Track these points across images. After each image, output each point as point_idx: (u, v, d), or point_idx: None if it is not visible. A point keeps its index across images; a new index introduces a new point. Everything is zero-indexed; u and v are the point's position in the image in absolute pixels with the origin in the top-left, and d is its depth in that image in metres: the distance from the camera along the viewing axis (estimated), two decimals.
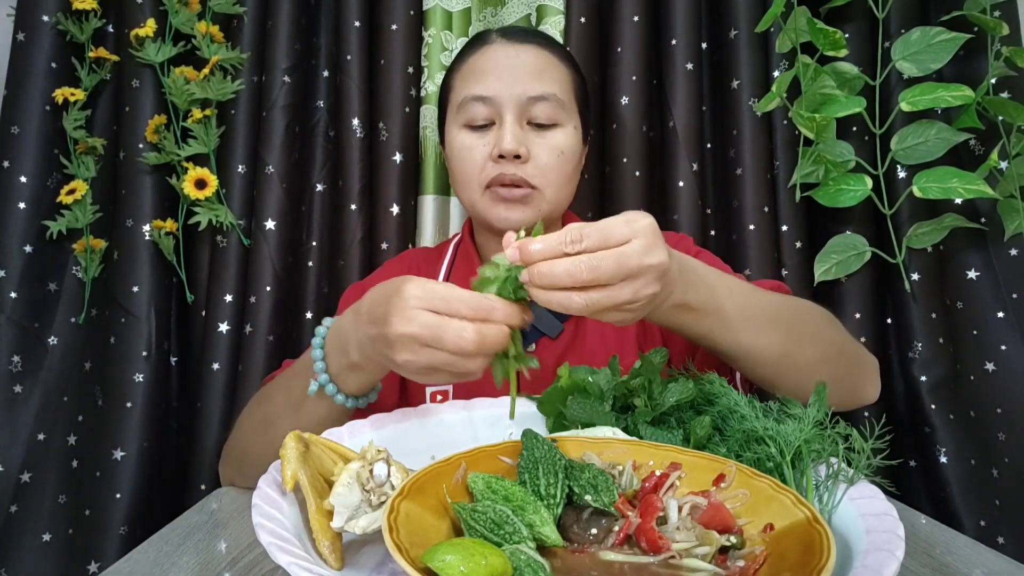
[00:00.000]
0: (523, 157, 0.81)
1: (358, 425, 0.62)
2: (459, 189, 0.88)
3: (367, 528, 0.43)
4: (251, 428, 0.73)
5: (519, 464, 0.46)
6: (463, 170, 0.85)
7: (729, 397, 0.56)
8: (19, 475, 1.06)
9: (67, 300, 1.12)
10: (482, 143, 0.83)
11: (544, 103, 0.82)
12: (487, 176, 0.82)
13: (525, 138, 0.82)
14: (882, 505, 0.45)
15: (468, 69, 0.86)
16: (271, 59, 1.11)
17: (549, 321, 0.84)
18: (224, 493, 0.65)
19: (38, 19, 1.10)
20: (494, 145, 0.81)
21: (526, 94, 0.82)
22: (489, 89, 0.82)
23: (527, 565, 0.37)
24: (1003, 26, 0.96)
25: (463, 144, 0.84)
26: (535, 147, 0.82)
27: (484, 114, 0.83)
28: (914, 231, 1.02)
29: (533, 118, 0.83)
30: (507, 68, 0.83)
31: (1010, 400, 1.00)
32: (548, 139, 0.83)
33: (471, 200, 0.86)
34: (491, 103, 0.82)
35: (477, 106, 0.83)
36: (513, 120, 0.81)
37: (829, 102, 1.00)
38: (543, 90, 0.82)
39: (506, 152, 0.80)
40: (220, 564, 0.48)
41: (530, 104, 0.82)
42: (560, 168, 0.83)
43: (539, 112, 0.82)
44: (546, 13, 1.12)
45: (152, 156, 1.09)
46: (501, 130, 0.81)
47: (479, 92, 0.82)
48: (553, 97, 0.83)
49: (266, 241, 1.09)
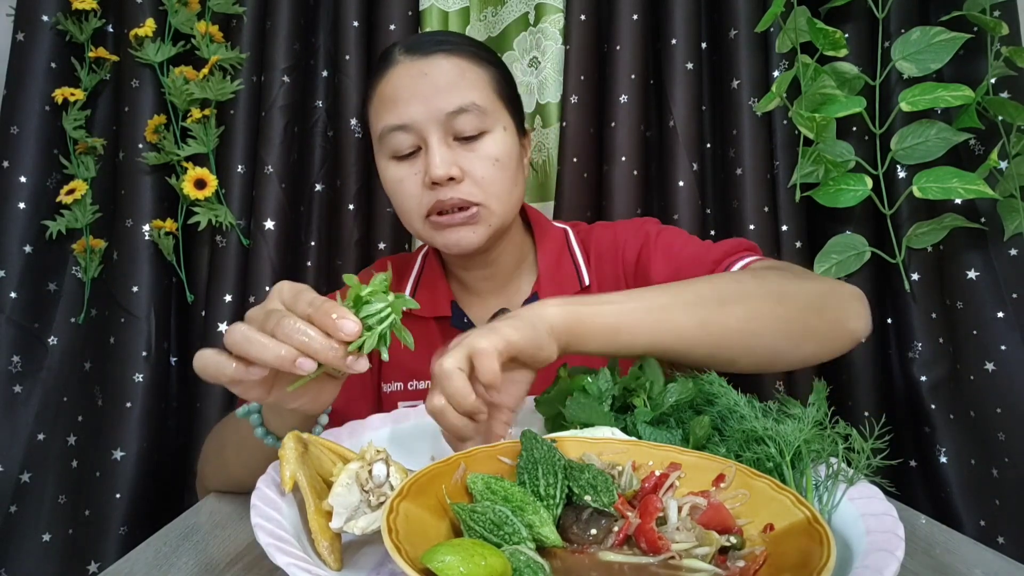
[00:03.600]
0: (457, 178, 0.76)
1: (357, 425, 0.62)
2: (403, 221, 0.83)
3: (366, 529, 0.43)
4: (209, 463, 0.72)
5: (518, 464, 0.46)
6: (400, 203, 0.80)
7: (729, 397, 0.56)
8: (19, 475, 1.06)
9: (67, 300, 1.12)
10: (413, 172, 0.78)
11: (465, 115, 0.76)
12: (426, 205, 0.77)
13: (455, 157, 0.76)
14: (882, 505, 0.44)
15: (379, 98, 0.80)
16: (270, 59, 1.11)
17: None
18: (223, 493, 0.66)
19: (38, 19, 1.10)
20: (425, 172, 0.76)
21: (443, 111, 0.75)
22: (404, 116, 0.76)
23: (527, 566, 0.37)
24: (1003, 26, 0.96)
25: (394, 177, 0.79)
26: (467, 163, 0.77)
27: (407, 142, 0.77)
28: (914, 231, 1.02)
29: (458, 132, 0.77)
30: (417, 89, 0.77)
31: (1010, 400, 0.99)
32: (479, 151, 0.77)
33: (418, 233, 0.81)
34: (410, 129, 0.76)
35: (398, 136, 0.77)
36: (438, 141, 0.76)
37: (829, 102, 1.00)
38: (460, 102, 0.76)
39: (438, 179, 0.75)
40: (219, 564, 0.48)
41: (450, 119, 0.76)
42: (499, 177, 0.78)
43: (463, 125, 0.76)
44: (545, 12, 1.12)
45: (152, 156, 1.09)
46: (428, 156, 0.76)
47: (395, 122, 0.77)
48: (472, 107, 0.76)
49: (265, 241, 1.09)
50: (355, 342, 0.46)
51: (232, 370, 0.47)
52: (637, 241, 0.85)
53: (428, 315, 0.86)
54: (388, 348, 0.48)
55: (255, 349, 0.46)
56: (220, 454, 0.69)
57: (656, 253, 0.83)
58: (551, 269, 0.87)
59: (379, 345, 0.47)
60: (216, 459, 0.70)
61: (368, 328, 0.46)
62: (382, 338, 0.47)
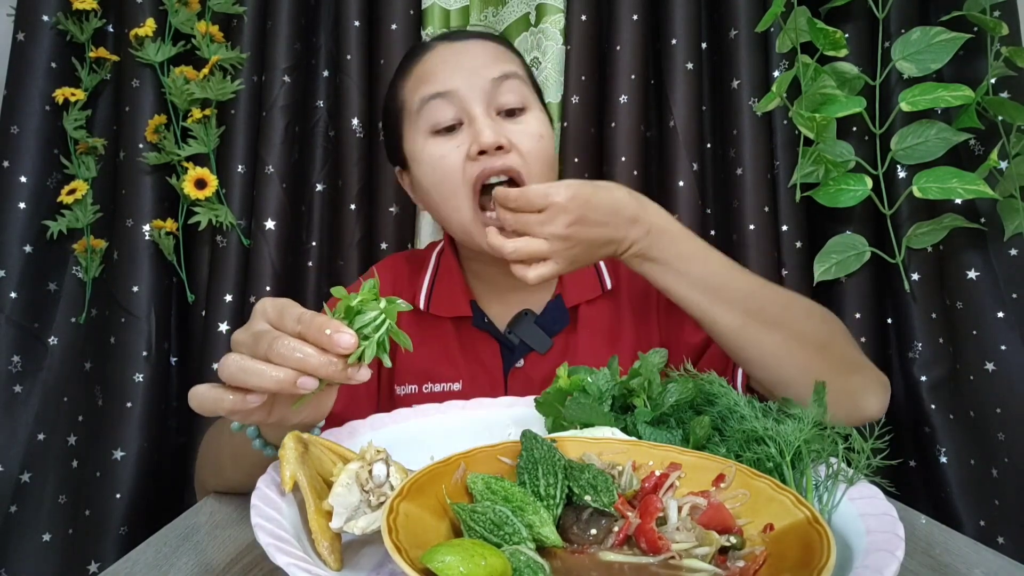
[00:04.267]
0: (505, 147, 0.73)
1: (357, 425, 0.62)
2: (439, 206, 0.78)
3: (366, 529, 0.43)
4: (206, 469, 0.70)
5: (518, 464, 0.46)
6: (441, 180, 0.75)
7: (729, 397, 0.56)
8: (19, 475, 1.06)
9: (67, 300, 1.12)
10: (454, 145, 0.74)
11: (509, 82, 0.75)
12: (471, 176, 0.73)
13: (501, 128, 0.75)
14: (882, 505, 0.44)
15: (417, 75, 0.78)
16: (271, 59, 1.11)
17: (539, 338, 0.82)
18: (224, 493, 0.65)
19: (38, 19, 1.10)
20: (470, 143, 0.73)
21: (487, 78, 0.74)
22: (447, 83, 0.75)
23: (527, 566, 0.37)
24: (1003, 26, 0.96)
25: (434, 153, 0.75)
26: (513, 135, 0.74)
27: (449, 113, 0.75)
28: (914, 231, 1.02)
29: (502, 106, 0.75)
30: (459, 62, 0.76)
31: (1010, 400, 0.99)
32: (524, 125, 0.76)
33: (461, 222, 0.76)
34: (454, 98, 0.74)
35: (440, 104, 0.75)
36: (483, 112, 0.74)
37: (829, 102, 1.00)
38: (504, 69, 0.76)
39: (487, 145, 0.72)
40: (219, 565, 0.48)
41: (495, 87, 0.75)
42: (543, 154, 0.77)
43: (507, 95, 0.75)
44: (546, 12, 1.12)
45: (152, 156, 1.09)
46: (474, 126, 0.73)
47: (437, 89, 0.75)
48: (515, 75, 0.76)
49: (266, 241, 1.09)
50: (354, 353, 0.45)
51: (230, 402, 0.46)
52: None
53: (447, 315, 0.84)
54: (389, 353, 0.47)
55: (253, 378, 0.44)
56: (217, 461, 0.67)
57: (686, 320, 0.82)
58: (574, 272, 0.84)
59: (379, 352, 0.46)
60: (213, 465, 0.68)
61: (365, 337, 0.45)
62: (381, 345, 0.46)
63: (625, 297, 0.86)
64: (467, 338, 0.85)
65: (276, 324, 0.47)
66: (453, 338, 0.84)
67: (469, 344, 0.85)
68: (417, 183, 0.81)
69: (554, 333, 0.83)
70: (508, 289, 0.85)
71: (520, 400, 0.68)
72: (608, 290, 0.86)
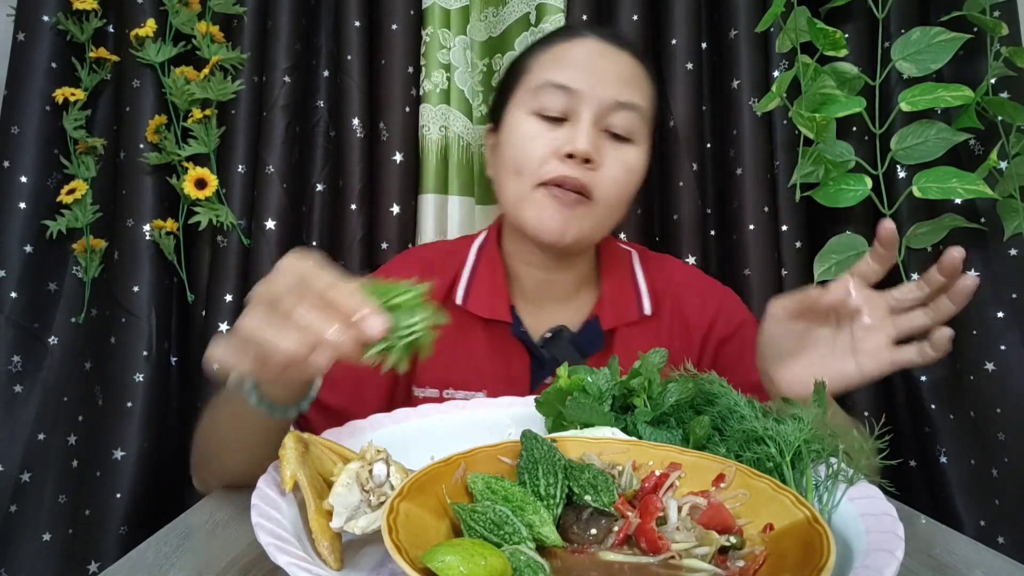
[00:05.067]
0: (593, 163, 0.73)
1: (358, 425, 0.62)
2: (504, 179, 0.78)
3: (366, 528, 0.43)
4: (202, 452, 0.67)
5: (518, 464, 0.46)
6: (519, 158, 0.75)
7: (729, 397, 0.56)
8: (19, 475, 1.06)
9: (67, 300, 1.12)
10: (550, 136, 0.74)
11: (627, 112, 0.75)
12: (546, 173, 0.73)
13: (599, 144, 0.74)
14: (882, 505, 0.44)
15: (553, 55, 0.77)
16: (271, 59, 1.11)
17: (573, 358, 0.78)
18: (224, 493, 0.65)
19: (38, 19, 1.10)
20: (564, 142, 0.73)
21: (613, 97, 0.74)
22: (575, 80, 0.74)
23: (527, 566, 0.37)
24: (1003, 26, 0.96)
25: (527, 132, 0.75)
26: (607, 156, 0.74)
27: (561, 105, 0.74)
28: (914, 231, 1.02)
29: (610, 126, 0.75)
30: (597, 65, 0.75)
31: (1010, 400, 0.99)
32: (621, 153, 0.75)
33: (517, 195, 0.76)
34: (572, 95, 0.73)
35: (556, 95, 0.74)
36: (590, 121, 0.73)
37: (829, 102, 1.00)
38: (629, 98, 0.75)
39: (579, 152, 0.72)
40: (219, 564, 0.48)
41: (612, 110, 0.74)
42: (624, 188, 0.76)
43: (619, 122, 0.75)
44: (546, 12, 1.12)
45: (152, 156, 1.09)
46: (575, 128, 0.73)
47: (562, 80, 0.74)
48: (636, 108, 0.75)
49: (266, 241, 1.09)
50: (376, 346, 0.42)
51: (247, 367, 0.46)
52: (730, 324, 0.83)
53: (485, 315, 0.80)
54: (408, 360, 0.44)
55: (267, 346, 0.43)
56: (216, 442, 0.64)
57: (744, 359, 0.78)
58: (614, 292, 0.83)
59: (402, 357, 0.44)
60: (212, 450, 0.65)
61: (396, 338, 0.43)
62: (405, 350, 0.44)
63: (666, 323, 0.83)
64: (498, 344, 0.81)
65: (304, 282, 0.44)
66: (482, 342, 0.81)
67: (500, 351, 0.81)
68: (500, 148, 0.80)
69: (587, 355, 0.80)
70: (546, 298, 0.83)
71: (520, 400, 0.68)
72: (647, 315, 0.83)
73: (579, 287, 0.84)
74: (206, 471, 0.67)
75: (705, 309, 0.84)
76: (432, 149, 1.15)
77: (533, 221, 0.75)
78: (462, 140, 1.16)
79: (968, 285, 0.57)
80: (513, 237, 0.83)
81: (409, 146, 1.14)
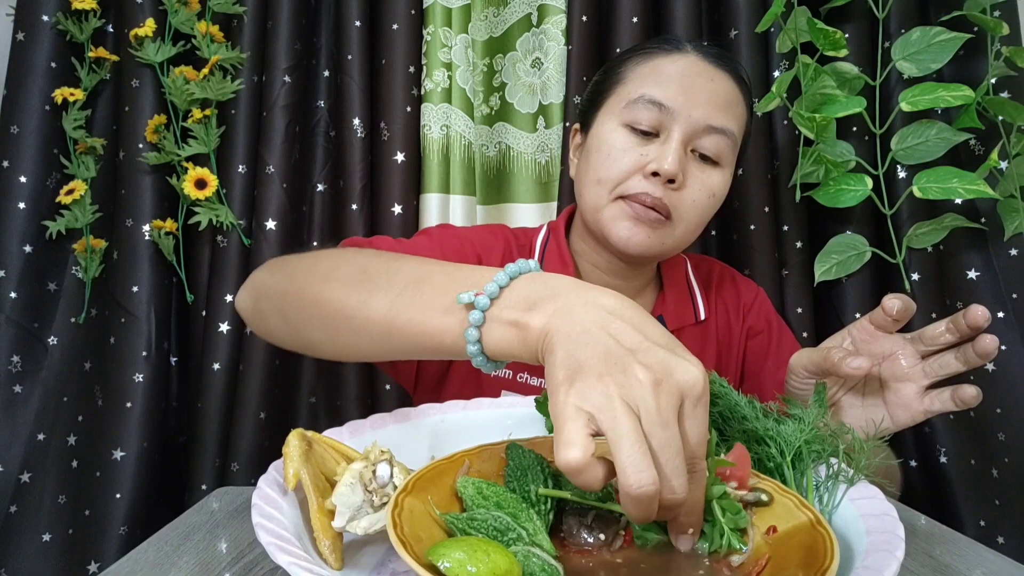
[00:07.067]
0: (677, 184, 0.74)
1: (358, 424, 0.62)
2: (585, 184, 0.79)
3: (368, 529, 0.43)
4: (302, 302, 0.56)
5: (506, 472, 0.46)
6: (603, 167, 0.76)
7: (729, 397, 0.56)
8: (19, 475, 1.06)
9: (67, 300, 1.12)
10: (639, 151, 0.74)
11: (718, 137, 0.75)
12: (628, 188, 0.74)
13: (687, 166, 0.75)
14: (882, 505, 0.44)
15: (653, 68, 0.77)
16: (271, 59, 1.11)
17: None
18: (224, 493, 0.65)
19: (38, 19, 1.10)
20: (651, 160, 0.73)
21: (706, 121, 0.74)
22: (671, 99, 0.74)
23: (542, 569, 0.36)
24: (1003, 26, 0.96)
25: (616, 144, 0.75)
26: (691, 178, 0.75)
27: (652, 121, 0.74)
28: (914, 231, 1.02)
29: (699, 147, 0.75)
30: (697, 86, 0.75)
31: (1010, 400, 1.00)
32: (706, 176, 0.76)
33: (595, 203, 0.77)
34: (665, 112, 0.74)
35: (649, 110, 0.74)
36: (679, 141, 0.73)
37: (829, 102, 1.00)
38: (723, 123, 0.75)
39: (665, 172, 0.72)
40: (220, 564, 0.48)
41: (704, 133, 0.74)
42: (704, 211, 0.77)
43: (709, 144, 0.75)
44: (548, 12, 1.12)
45: (152, 156, 1.09)
46: (665, 147, 0.73)
47: (659, 97, 0.74)
48: (728, 134, 0.76)
49: (267, 241, 1.09)
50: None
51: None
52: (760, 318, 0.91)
53: None
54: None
55: (663, 496, 0.35)
56: (329, 310, 0.52)
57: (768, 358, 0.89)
58: (675, 298, 0.87)
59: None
60: (317, 311, 0.53)
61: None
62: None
63: (713, 329, 0.88)
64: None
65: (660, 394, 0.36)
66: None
67: None
68: (586, 153, 0.81)
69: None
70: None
71: (520, 400, 0.68)
72: (702, 320, 0.87)
73: (640, 292, 0.88)
74: (279, 317, 0.59)
75: (742, 299, 0.91)
76: (434, 148, 1.15)
77: (610, 230, 0.76)
78: (464, 139, 1.16)
79: (989, 350, 0.56)
80: (584, 238, 0.84)
81: (410, 146, 1.14)
